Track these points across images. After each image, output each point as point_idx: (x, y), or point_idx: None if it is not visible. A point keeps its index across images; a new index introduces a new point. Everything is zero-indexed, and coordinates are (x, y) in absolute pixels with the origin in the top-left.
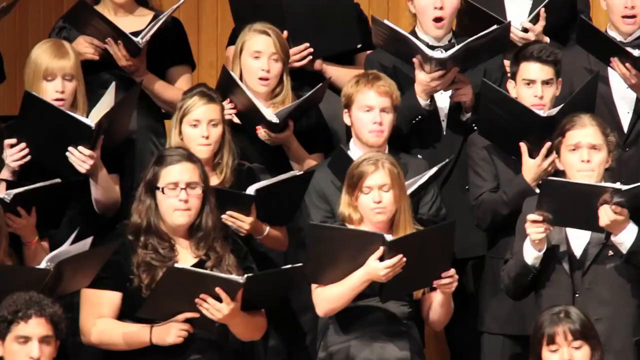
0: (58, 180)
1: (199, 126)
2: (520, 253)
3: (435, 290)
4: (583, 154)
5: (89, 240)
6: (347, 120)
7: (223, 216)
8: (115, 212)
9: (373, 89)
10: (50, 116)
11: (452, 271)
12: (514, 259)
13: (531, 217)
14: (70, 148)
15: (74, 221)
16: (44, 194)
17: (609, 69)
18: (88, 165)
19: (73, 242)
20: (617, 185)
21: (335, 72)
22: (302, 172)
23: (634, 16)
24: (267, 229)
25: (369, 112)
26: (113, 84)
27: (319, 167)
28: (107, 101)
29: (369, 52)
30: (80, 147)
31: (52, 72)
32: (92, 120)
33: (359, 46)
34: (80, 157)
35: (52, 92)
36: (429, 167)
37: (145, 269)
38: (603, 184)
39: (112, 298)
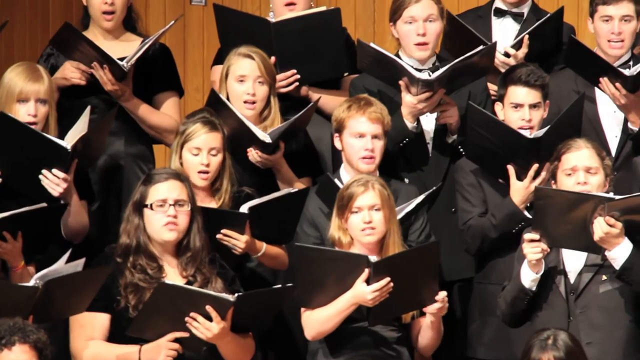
0: (44, 204)
1: (199, 154)
2: (517, 276)
3: (424, 315)
4: (579, 177)
5: (81, 261)
6: (338, 144)
7: (218, 235)
8: (82, 239)
9: (365, 115)
10: (24, 138)
11: (443, 294)
12: (511, 284)
13: (528, 236)
14: (44, 171)
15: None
16: (30, 218)
17: (597, 91)
18: (61, 188)
19: (66, 263)
20: (610, 195)
21: (321, 98)
22: (296, 190)
23: (620, 40)
24: (264, 247)
25: (360, 138)
26: (88, 108)
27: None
28: (81, 125)
29: (353, 76)
30: (54, 170)
31: (26, 95)
32: (67, 143)
33: (346, 74)
34: (53, 180)
35: (24, 115)
36: (419, 193)
37: (133, 289)
38: (594, 193)
39: (101, 320)
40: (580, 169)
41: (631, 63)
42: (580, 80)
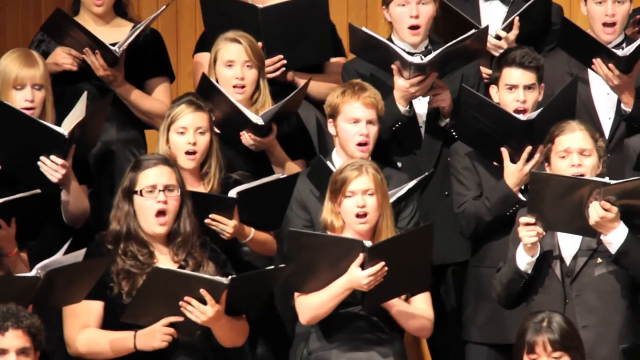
0: (38, 190)
1: (185, 133)
2: (512, 259)
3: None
4: (573, 159)
5: (81, 252)
6: (332, 130)
7: (206, 220)
8: (83, 223)
9: (360, 100)
10: (21, 125)
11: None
12: (506, 266)
13: (524, 219)
14: (42, 157)
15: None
16: (24, 205)
17: (590, 73)
18: (60, 174)
19: (65, 253)
20: (605, 179)
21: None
22: (285, 176)
23: (613, 24)
24: (252, 232)
25: (355, 123)
26: (84, 94)
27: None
28: (78, 111)
29: (342, 59)
30: (52, 157)
31: (22, 81)
32: (64, 129)
33: (332, 60)
34: (52, 167)
35: (21, 101)
36: (410, 180)
37: (125, 276)
38: (590, 177)
39: (94, 307)
40: (574, 151)
41: (624, 44)
42: (574, 63)
